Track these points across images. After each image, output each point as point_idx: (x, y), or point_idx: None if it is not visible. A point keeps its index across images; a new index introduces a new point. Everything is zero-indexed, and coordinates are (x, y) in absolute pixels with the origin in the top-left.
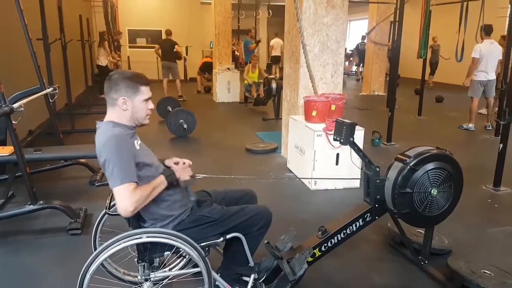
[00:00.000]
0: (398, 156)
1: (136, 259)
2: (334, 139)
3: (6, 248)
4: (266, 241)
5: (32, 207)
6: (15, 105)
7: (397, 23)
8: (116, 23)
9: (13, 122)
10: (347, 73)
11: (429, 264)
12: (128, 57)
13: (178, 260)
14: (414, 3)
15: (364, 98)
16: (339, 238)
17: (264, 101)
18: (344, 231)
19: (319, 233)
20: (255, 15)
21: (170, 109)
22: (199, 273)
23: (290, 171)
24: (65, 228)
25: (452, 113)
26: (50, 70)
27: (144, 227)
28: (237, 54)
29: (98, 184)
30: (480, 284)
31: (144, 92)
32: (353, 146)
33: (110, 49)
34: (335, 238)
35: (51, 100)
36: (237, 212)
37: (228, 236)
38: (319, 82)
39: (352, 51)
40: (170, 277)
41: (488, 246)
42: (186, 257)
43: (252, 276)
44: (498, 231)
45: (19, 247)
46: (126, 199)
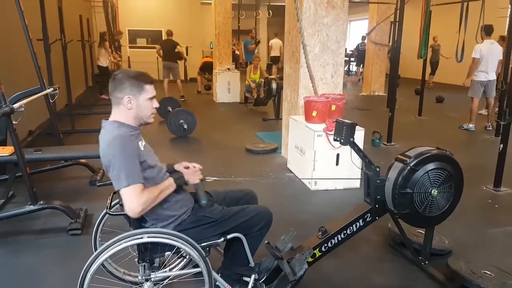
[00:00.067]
0: (399, 157)
1: (137, 259)
2: (334, 139)
3: (6, 248)
4: (267, 242)
5: (32, 207)
6: (16, 105)
7: (397, 23)
8: (116, 24)
9: (14, 122)
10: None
11: (430, 265)
12: (128, 57)
13: (179, 260)
14: (414, 3)
15: (364, 99)
16: (339, 239)
17: (264, 101)
18: (344, 232)
19: (319, 234)
20: (255, 15)
21: (170, 109)
22: (200, 273)
23: (290, 171)
24: (65, 228)
25: (453, 113)
26: (51, 71)
27: (145, 227)
28: (237, 53)
29: (99, 184)
30: (480, 285)
31: (149, 91)
32: (353, 146)
33: (111, 49)
34: (335, 239)
35: (52, 101)
36: (238, 213)
37: (229, 237)
38: (319, 83)
39: (352, 51)
40: (171, 277)
41: (489, 247)
42: (187, 257)
43: (253, 277)
44: (499, 232)
45: (19, 247)
46: (134, 201)
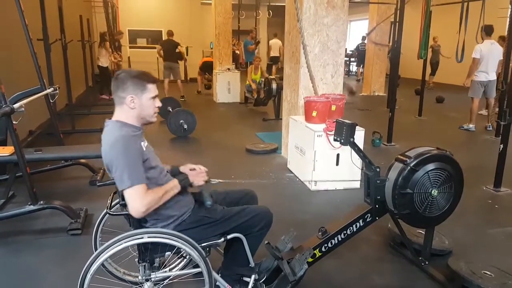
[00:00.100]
0: (399, 157)
1: (137, 259)
2: (335, 140)
3: (7, 248)
4: (267, 242)
5: (33, 207)
6: (16, 105)
7: (398, 24)
8: (117, 24)
9: (14, 122)
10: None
11: (430, 265)
12: (129, 58)
13: (179, 261)
14: (415, 4)
15: (365, 99)
16: (339, 239)
17: (265, 102)
18: (344, 232)
19: (319, 234)
20: (256, 16)
21: (170, 109)
22: (200, 274)
23: (291, 172)
24: (66, 228)
25: (453, 114)
26: (51, 71)
27: (145, 227)
28: (237, 53)
29: (99, 184)
30: (481, 285)
31: (151, 90)
32: (354, 147)
33: (112, 49)
34: (335, 239)
35: (52, 101)
36: (238, 213)
37: (229, 237)
38: (320, 83)
39: (353, 52)
40: (171, 278)
41: (489, 247)
42: (187, 258)
43: (253, 277)
44: (499, 232)
45: (20, 247)
46: (138, 201)
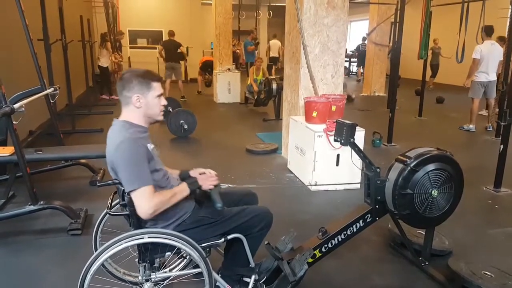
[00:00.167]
0: (399, 157)
1: (137, 260)
2: (335, 140)
3: (7, 249)
4: (267, 242)
5: (33, 208)
6: (16, 106)
7: (398, 24)
8: (117, 24)
9: (14, 123)
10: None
11: (430, 265)
12: (129, 58)
13: (179, 261)
14: (415, 4)
15: (365, 99)
16: (340, 239)
17: (265, 102)
18: (345, 232)
19: (320, 234)
20: (256, 16)
21: (171, 110)
22: (200, 274)
23: (291, 172)
24: (66, 229)
25: (453, 114)
26: (51, 71)
27: (146, 228)
28: (238, 52)
29: (100, 184)
30: (481, 285)
31: (157, 88)
32: (354, 147)
33: (112, 50)
34: (336, 239)
35: (52, 101)
36: (238, 213)
37: (229, 237)
38: (320, 83)
39: (353, 52)
40: (171, 278)
41: (489, 247)
42: (187, 258)
43: (253, 277)
44: (499, 232)
45: (20, 248)
46: (146, 202)
